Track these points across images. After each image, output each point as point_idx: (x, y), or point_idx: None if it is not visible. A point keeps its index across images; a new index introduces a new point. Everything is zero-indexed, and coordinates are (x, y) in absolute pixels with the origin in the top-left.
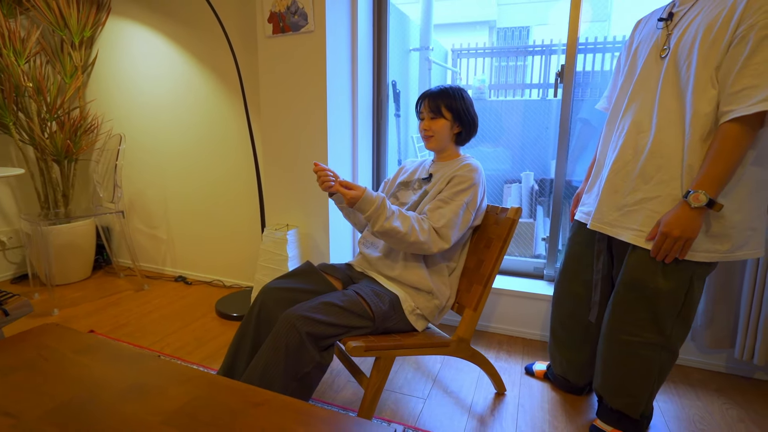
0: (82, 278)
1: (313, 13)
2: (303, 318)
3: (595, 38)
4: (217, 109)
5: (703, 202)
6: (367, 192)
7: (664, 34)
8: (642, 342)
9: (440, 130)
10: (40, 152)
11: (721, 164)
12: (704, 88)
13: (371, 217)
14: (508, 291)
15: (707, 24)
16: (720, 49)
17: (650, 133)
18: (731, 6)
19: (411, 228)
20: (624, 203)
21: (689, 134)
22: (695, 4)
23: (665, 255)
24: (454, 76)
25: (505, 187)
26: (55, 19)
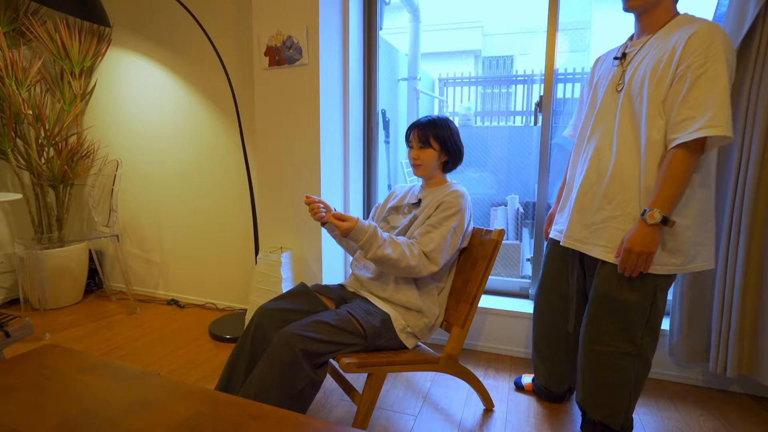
0: (73, 302)
1: (308, 47)
2: (297, 336)
3: (574, 69)
4: (213, 136)
5: (657, 219)
6: (359, 222)
7: (620, 71)
8: (616, 352)
9: (428, 159)
10: (36, 177)
11: (671, 185)
12: (654, 118)
13: (364, 246)
14: (495, 310)
15: (654, 64)
16: (665, 85)
17: (611, 158)
18: (672, 49)
19: (402, 254)
20: (591, 221)
21: (644, 159)
22: (644, 46)
23: (632, 270)
24: (441, 104)
25: (491, 209)
26: (57, 50)
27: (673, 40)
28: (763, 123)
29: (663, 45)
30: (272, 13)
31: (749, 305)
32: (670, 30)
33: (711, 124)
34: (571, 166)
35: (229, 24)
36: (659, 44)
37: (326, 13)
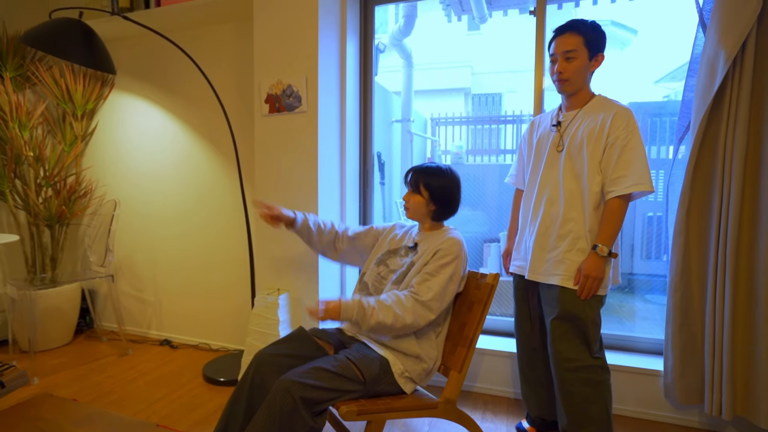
0: (63, 343)
1: (307, 95)
2: (296, 383)
3: None
4: (212, 179)
5: (605, 252)
6: (343, 303)
7: (558, 135)
8: (583, 366)
9: (415, 205)
10: (33, 217)
11: (612, 226)
12: (593, 174)
13: (357, 322)
14: (491, 351)
15: (588, 132)
16: (600, 149)
17: (560, 205)
18: (601, 123)
19: (395, 317)
20: (550, 257)
21: (587, 206)
22: (575, 117)
23: (588, 292)
24: (433, 144)
25: (484, 246)
26: (61, 93)
27: (600, 116)
28: (739, 169)
29: (593, 118)
30: (273, 63)
31: (740, 346)
32: (593, 107)
33: (639, 181)
34: (523, 211)
35: (230, 71)
36: (589, 117)
37: (325, 63)
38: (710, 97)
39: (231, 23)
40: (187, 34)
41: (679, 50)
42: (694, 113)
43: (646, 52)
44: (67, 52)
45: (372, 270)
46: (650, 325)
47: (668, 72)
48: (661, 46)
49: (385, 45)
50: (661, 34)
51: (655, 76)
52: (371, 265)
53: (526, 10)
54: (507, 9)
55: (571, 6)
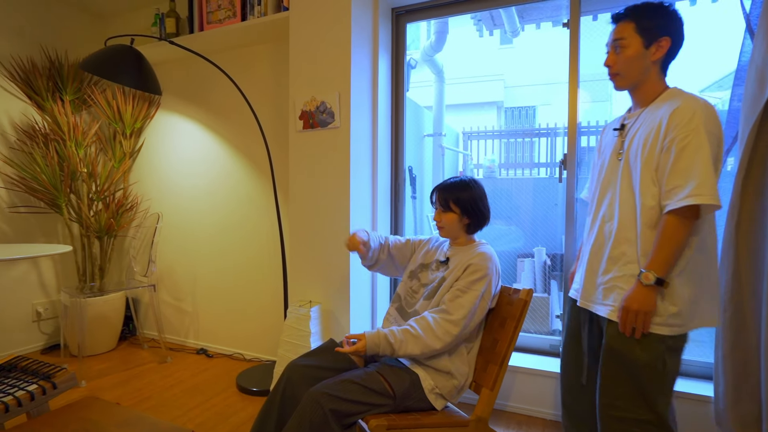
0: (108, 349)
1: (340, 111)
2: (326, 395)
3: (597, 122)
4: (248, 193)
5: (651, 280)
6: (367, 340)
7: (620, 141)
8: (635, 420)
9: (449, 223)
10: (84, 229)
11: (665, 249)
12: (648, 185)
13: (384, 353)
14: (525, 369)
15: (645, 136)
16: (655, 155)
17: (614, 222)
18: (659, 122)
19: (424, 347)
20: (600, 282)
21: (640, 223)
22: (638, 118)
23: (631, 328)
24: (465, 158)
25: (518, 261)
26: (113, 114)
27: (660, 114)
28: None
29: (653, 118)
30: (307, 81)
31: None
32: (659, 104)
33: (696, 192)
34: (585, 228)
35: (266, 89)
36: (650, 117)
37: (357, 80)
38: (760, 106)
39: (267, 44)
40: (227, 55)
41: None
42: (743, 123)
43: (690, 61)
44: (120, 76)
45: (405, 283)
46: (697, 347)
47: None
48: (706, 54)
49: (417, 61)
50: (706, 41)
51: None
52: (405, 278)
53: (559, 23)
54: (540, 22)
55: (607, 16)
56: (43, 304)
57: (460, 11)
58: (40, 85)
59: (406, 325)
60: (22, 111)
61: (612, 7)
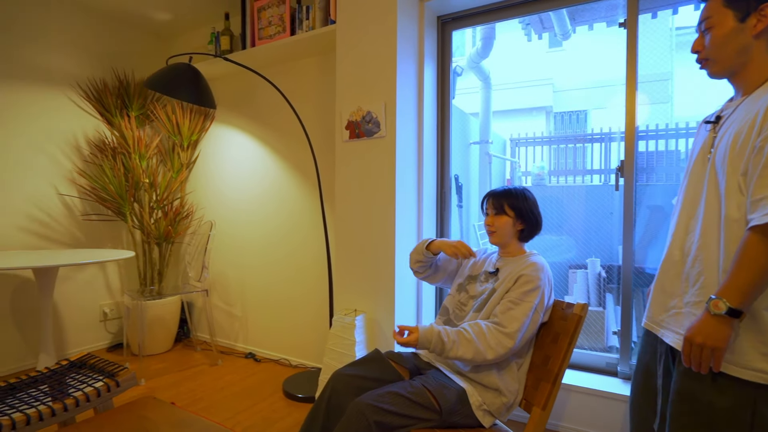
0: (164, 350)
1: (385, 121)
2: (371, 407)
3: (656, 125)
4: (295, 201)
5: (722, 310)
6: (420, 334)
7: (711, 136)
8: None
9: (503, 226)
10: (145, 236)
11: (743, 273)
12: (733, 193)
13: (434, 351)
14: (579, 388)
15: (736, 130)
16: (745, 156)
17: (696, 234)
18: (754, 116)
19: (476, 353)
20: (672, 305)
21: (723, 239)
22: (736, 109)
23: (698, 364)
24: (513, 166)
25: (570, 272)
26: (172, 127)
27: (760, 104)
28: None
29: (751, 109)
30: (354, 91)
31: None
32: (762, 92)
33: None
34: (667, 239)
35: (313, 100)
36: (748, 108)
37: (403, 89)
38: None
39: (314, 57)
40: (276, 69)
41: None
42: None
43: None
44: (179, 92)
45: (453, 296)
46: None
47: None
48: None
49: (463, 68)
50: None
51: None
52: (452, 290)
53: (614, 23)
54: (592, 23)
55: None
56: (109, 305)
57: (507, 16)
58: (110, 103)
59: (459, 328)
60: (95, 127)
61: (672, 2)
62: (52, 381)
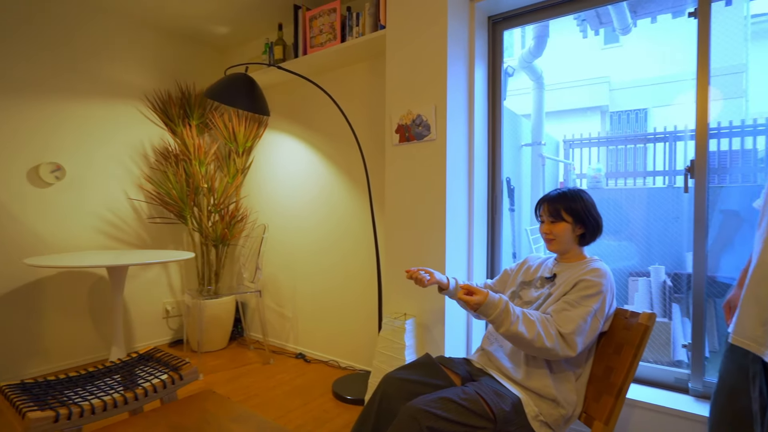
0: (220, 347)
1: (436, 124)
2: (424, 412)
3: (730, 122)
4: (345, 205)
5: None
6: (489, 297)
7: None
8: None
9: (561, 233)
10: (204, 238)
11: None
12: None
13: (495, 321)
14: (645, 404)
15: None
16: None
17: None
18: None
19: (537, 334)
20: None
21: None
22: None
23: None
24: (566, 168)
25: (630, 280)
26: (229, 135)
27: None
28: None
29: None
30: (404, 95)
31: None
32: None
33: None
34: (754, 244)
35: (363, 105)
36: None
37: (453, 92)
38: None
39: (364, 62)
40: (327, 75)
41: None
42: None
43: None
44: (236, 101)
45: None
46: None
47: None
48: None
49: (514, 68)
50: None
51: None
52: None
53: (681, 13)
54: (656, 15)
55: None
56: (170, 303)
57: (563, 12)
58: (173, 113)
59: (524, 309)
60: (160, 136)
61: None
62: (124, 371)
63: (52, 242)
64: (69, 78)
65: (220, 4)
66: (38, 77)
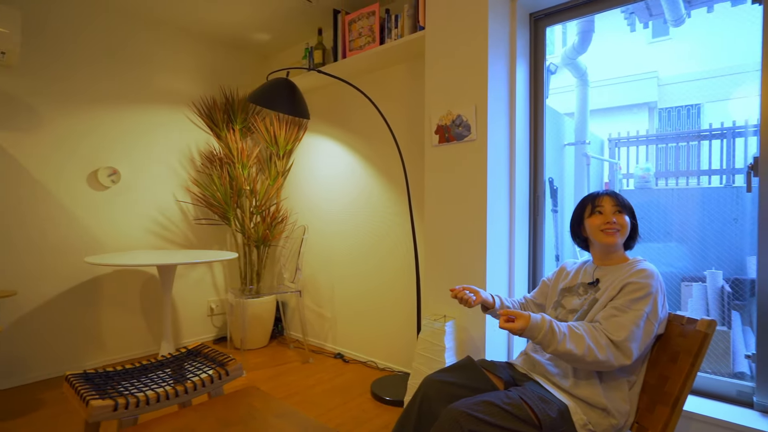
0: (261, 346)
1: (476, 124)
2: (466, 415)
3: None
4: (384, 207)
5: None
6: (531, 319)
7: None
8: None
9: (625, 226)
10: (246, 239)
11: None
12: None
13: (542, 343)
14: (704, 417)
15: None
16: None
17: None
18: None
19: (587, 348)
20: None
21: None
22: None
23: None
24: (612, 167)
25: (682, 286)
26: (270, 138)
27: None
28: None
29: None
30: (443, 95)
31: None
32: None
33: None
34: None
35: (401, 107)
36: None
37: (494, 91)
38: None
39: (402, 64)
40: (366, 78)
41: None
42: None
43: None
44: (277, 105)
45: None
46: None
47: None
48: None
49: (557, 65)
50: None
51: None
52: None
53: (741, 1)
54: (713, 4)
55: None
56: (215, 301)
57: (609, 6)
58: (218, 118)
59: (569, 323)
60: (206, 140)
61: None
62: (174, 366)
63: (107, 242)
64: (123, 87)
65: (262, 12)
66: (96, 86)
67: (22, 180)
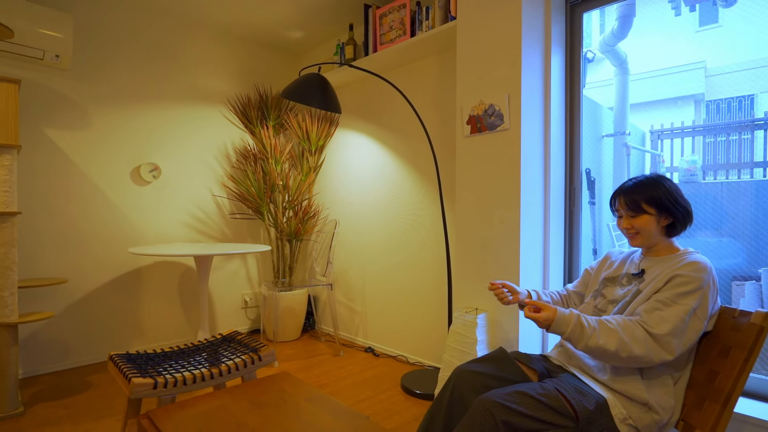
0: (293, 338)
1: (509, 113)
2: (499, 405)
3: None
4: (415, 200)
5: None
6: (558, 312)
7: None
8: None
9: (645, 226)
10: (279, 233)
11: None
12: None
13: (570, 338)
14: (759, 420)
15: None
16: None
17: None
18: None
19: (621, 343)
20: None
21: None
22: None
23: None
24: (655, 159)
25: (733, 284)
26: (303, 134)
27: None
28: None
29: None
30: (475, 85)
31: None
32: None
33: None
34: None
35: (432, 99)
36: None
37: (528, 79)
38: None
39: (433, 56)
40: (397, 71)
41: None
42: None
43: None
44: (310, 100)
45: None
46: None
47: None
48: None
49: (594, 53)
50: None
51: None
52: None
53: None
54: None
55: None
56: (248, 294)
57: None
58: (252, 115)
59: (601, 318)
60: (240, 137)
61: None
62: (209, 350)
63: (148, 235)
64: (163, 86)
65: (294, 10)
66: (138, 86)
67: (72, 176)
